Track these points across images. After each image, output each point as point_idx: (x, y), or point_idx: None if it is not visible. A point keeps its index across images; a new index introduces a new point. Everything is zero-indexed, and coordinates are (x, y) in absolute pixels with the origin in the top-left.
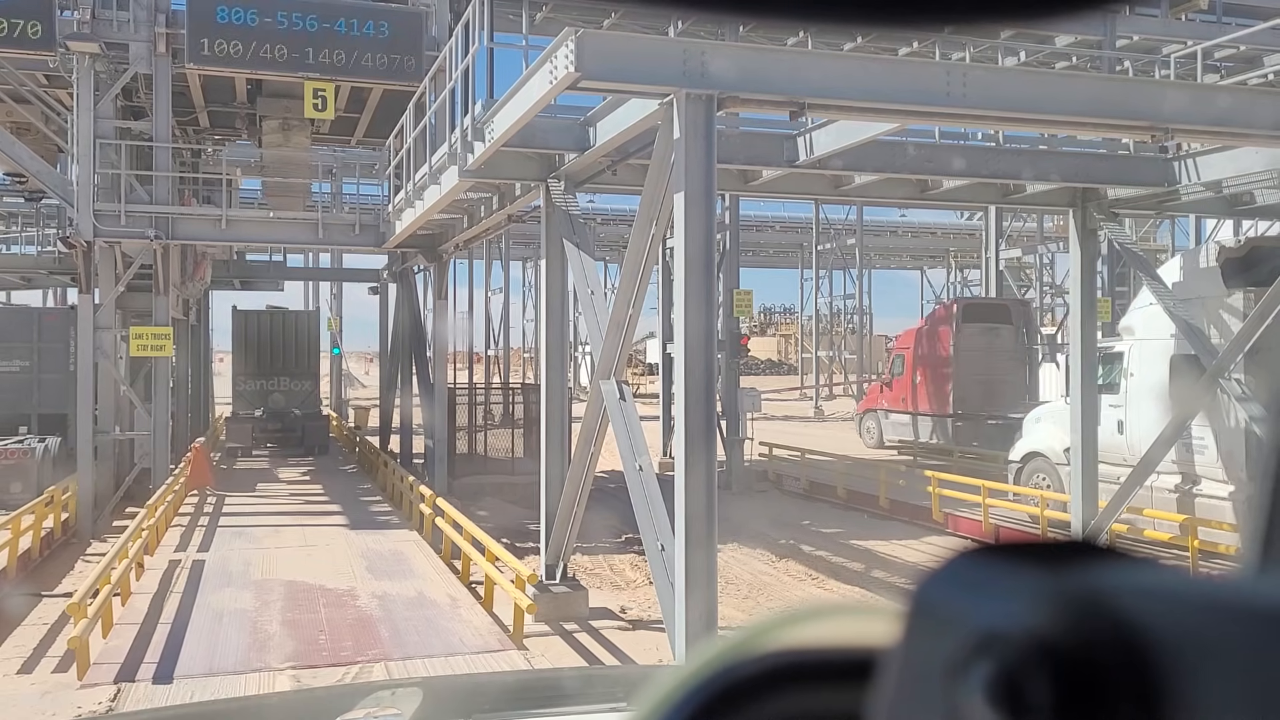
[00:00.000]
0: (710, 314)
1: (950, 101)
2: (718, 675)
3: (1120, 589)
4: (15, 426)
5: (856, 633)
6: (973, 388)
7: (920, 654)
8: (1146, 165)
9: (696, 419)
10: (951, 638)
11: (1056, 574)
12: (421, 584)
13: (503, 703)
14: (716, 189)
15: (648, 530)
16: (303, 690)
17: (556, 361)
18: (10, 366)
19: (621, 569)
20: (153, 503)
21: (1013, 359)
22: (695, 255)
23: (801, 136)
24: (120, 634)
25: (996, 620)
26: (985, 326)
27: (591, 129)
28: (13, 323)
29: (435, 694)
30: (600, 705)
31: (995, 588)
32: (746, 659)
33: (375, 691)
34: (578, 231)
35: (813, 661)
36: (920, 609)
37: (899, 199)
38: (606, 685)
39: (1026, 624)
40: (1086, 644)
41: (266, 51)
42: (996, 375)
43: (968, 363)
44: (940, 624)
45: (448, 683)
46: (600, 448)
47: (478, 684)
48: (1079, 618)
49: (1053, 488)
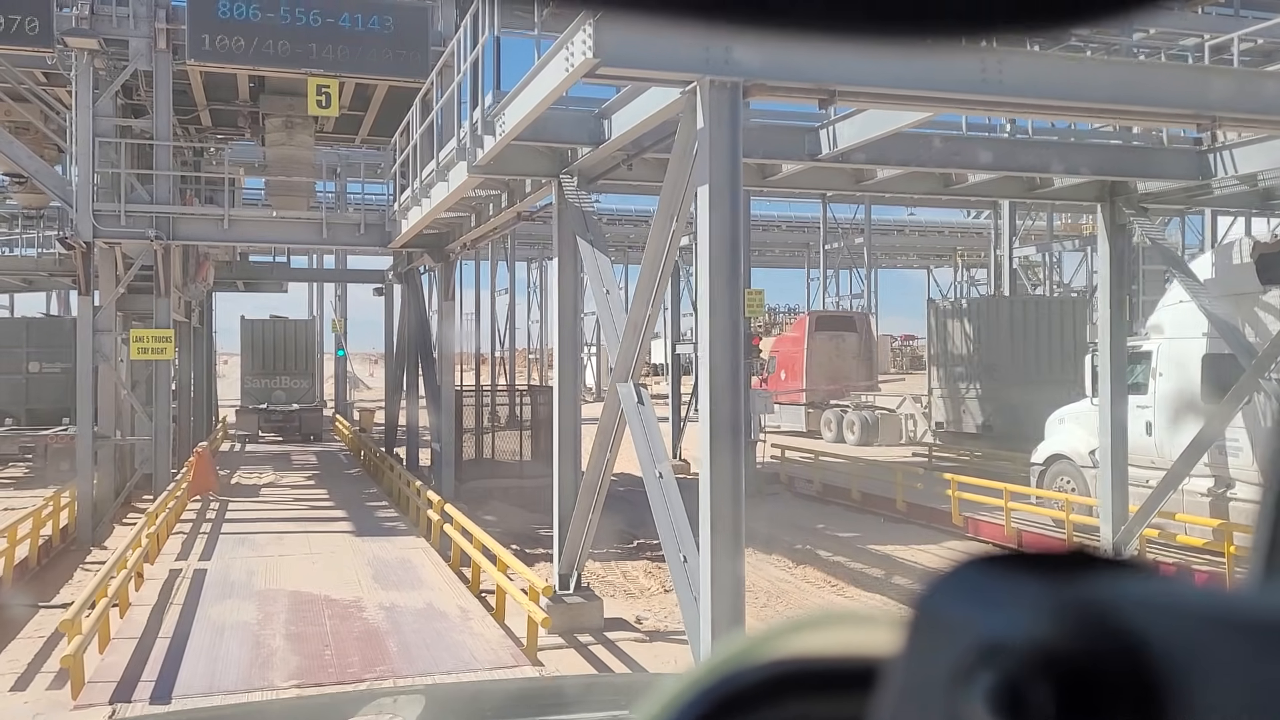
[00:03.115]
0: (737, 313)
1: (986, 89)
2: (720, 683)
3: (1123, 599)
4: (59, 418)
5: (859, 641)
6: (819, 381)
7: (923, 663)
8: (1179, 158)
9: (722, 424)
10: (954, 647)
11: (1060, 584)
12: (430, 594)
13: (505, 710)
14: (742, 179)
15: (669, 540)
16: (306, 696)
17: (569, 363)
18: (53, 368)
19: (635, 576)
20: (153, 510)
21: (856, 359)
22: (720, 252)
23: (824, 129)
24: (117, 649)
25: (999, 630)
26: (833, 334)
27: (606, 122)
28: (53, 331)
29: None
30: (602, 713)
31: (998, 597)
32: (749, 667)
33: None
34: (591, 229)
35: (815, 670)
36: (923, 618)
37: (921, 194)
38: (609, 693)
39: (1029, 634)
40: (1089, 654)
41: (269, 47)
42: (841, 371)
43: (817, 362)
44: (943, 633)
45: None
46: (617, 453)
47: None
48: (1082, 628)
49: (1078, 491)
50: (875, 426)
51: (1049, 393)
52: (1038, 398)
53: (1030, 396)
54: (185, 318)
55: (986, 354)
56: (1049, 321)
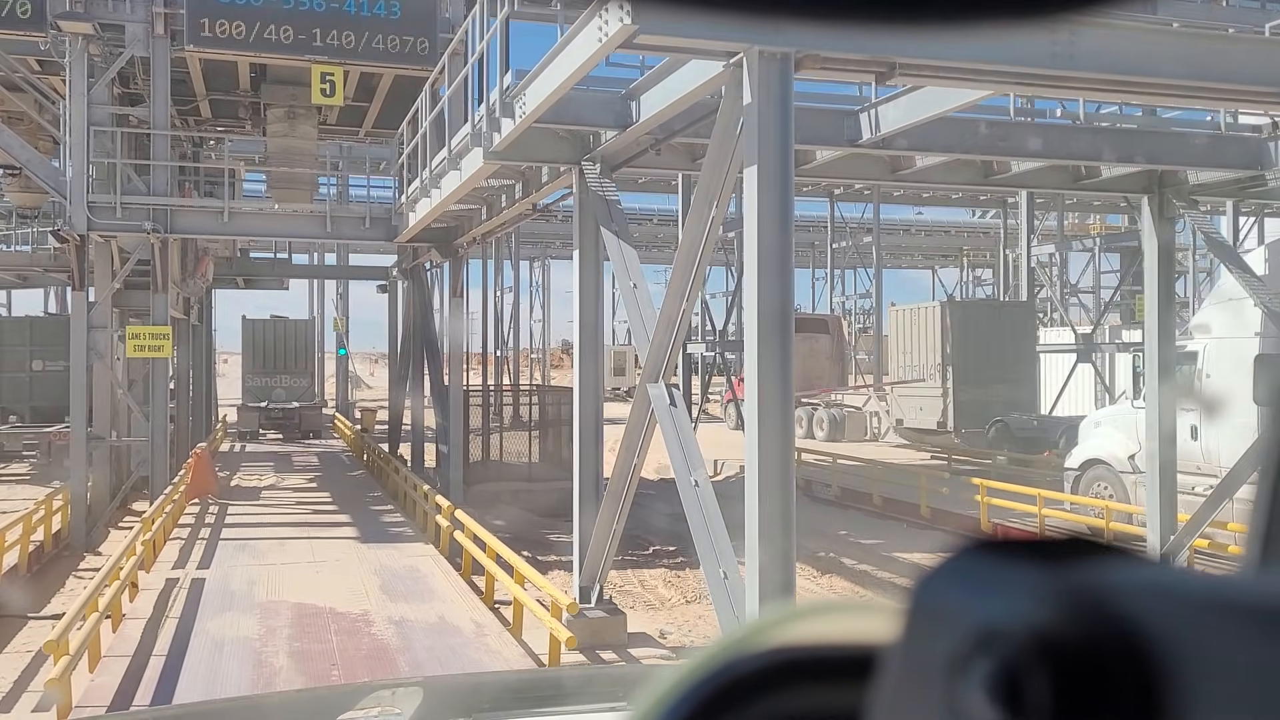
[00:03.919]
0: (788, 308)
1: (1056, 64)
2: (717, 672)
3: (1121, 586)
4: (62, 415)
5: (857, 629)
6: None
7: (920, 650)
8: (1239, 146)
9: (772, 427)
10: (952, 634)
11: (1057, 571)
12: (442, 607)
13: (503, 702)
14: (794, 161)
15: (707, 554)
16: (303, 690)
17: (590, 362)
18: (56, 366)
19: (654, 586)
20: (149, 515)
21: (829, 360)
22: (770, 240)
23: (865, 112)
24: (109, 668)
25: (997, 617)
26: (806, 336)
27: (634, 103)
28: (56, 329)
29: (435, 693)
30: (600, 704)
31: (995, 584)
32: (746, 656)
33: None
34: (616, 218)
35: (813, 658)
36: (920, 605)
37: (961, 183)
38: (606, 684)
39: (1027, 621)
40: (1087, 641)
41: (271, 33)
42: (814, 373)
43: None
44: (940, 621)
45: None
46: (644, 458)
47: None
48: (1079, 614)
49: (1115, 497)
50: (842, 423)
51: (998, 392)
52: (988, 396)
53: (982, 396)
54: (184, 315)
55: (941, 355)
56: (1000, 325)
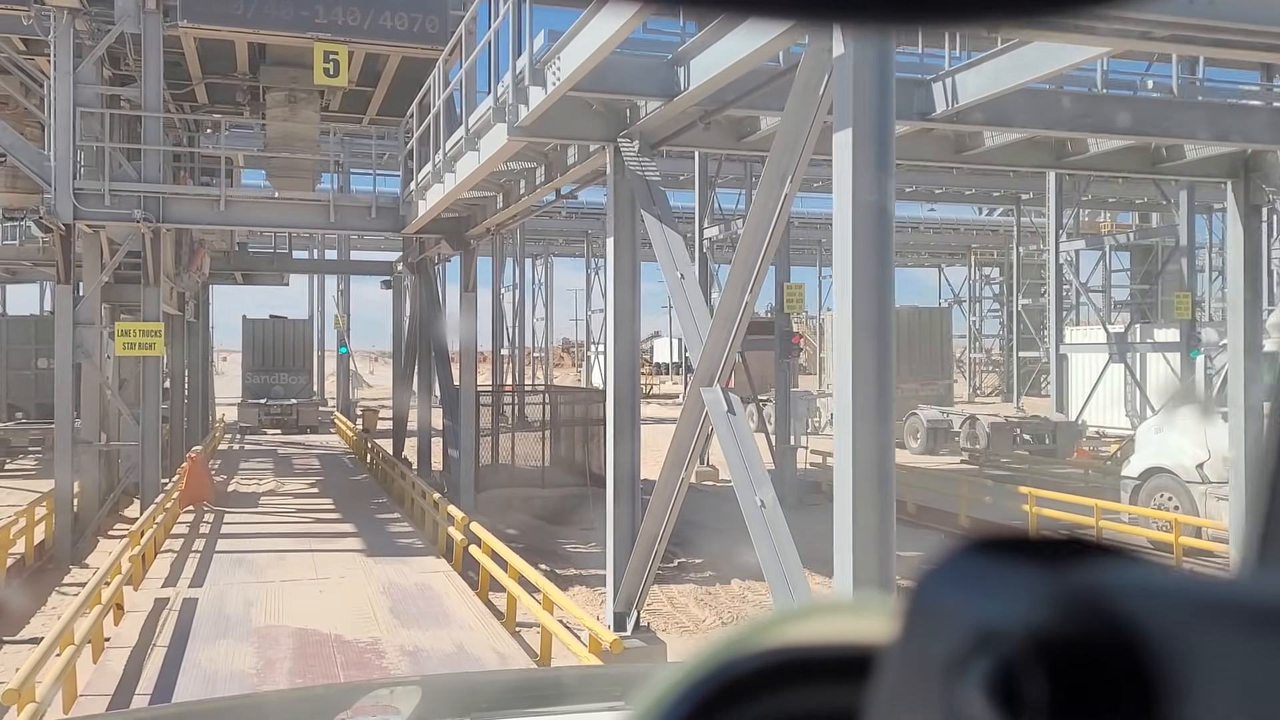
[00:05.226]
0: (887, 299)
1: (1194, 11)
2: (716, 672)
3: (1119, 586)
4: None
5: (855, 630)
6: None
7: (918, 651)
8: None
9: (868, 437)
10: (949, 634)
11: (1055, 571)
12: (460, 633)
13: (501, 701)
14: (894, 127)
15: (778, 585)
16: (302, 688)
17: (626, 363)
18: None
19: (685, 604)
20: (136, 528)
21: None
22: (866, 219)
23: (938, 82)
24: (86, 709)
25: (994, 617)
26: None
27: (682, 68)
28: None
29: (434, 692)
30: (599, 704)
31: (993, 584)
32: (745, 656)
33: (374, 689)
34: (658, 201)
35: (811, 659)
36: (918, 606)
37: (1031, 165)
38: (605, 684)
39: (1025, 621)
40: (1085, 641)
41: (270, 8)
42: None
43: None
44: (938, 621)
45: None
46: (692, 472)
47: (477, 682)
48: (1077, 615)
49: (1181, 509)
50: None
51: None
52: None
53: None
54: (179, 310)
55: None
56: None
